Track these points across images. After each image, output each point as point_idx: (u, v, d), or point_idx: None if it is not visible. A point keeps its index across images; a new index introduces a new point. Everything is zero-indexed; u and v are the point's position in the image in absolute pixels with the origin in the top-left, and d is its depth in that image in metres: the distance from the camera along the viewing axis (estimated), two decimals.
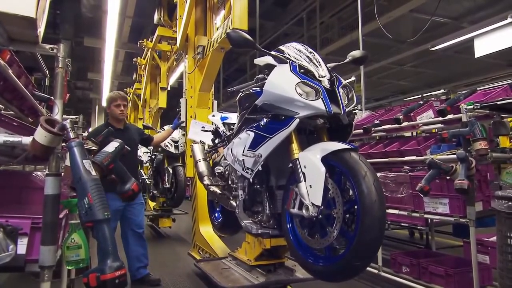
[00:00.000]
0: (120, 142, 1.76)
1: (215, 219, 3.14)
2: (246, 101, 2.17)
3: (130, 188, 1.78)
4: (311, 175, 1.60)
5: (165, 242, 5.54)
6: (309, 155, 1.64)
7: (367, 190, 1.44)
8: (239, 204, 2.26)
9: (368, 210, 1.42)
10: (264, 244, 2.30)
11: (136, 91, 9.65)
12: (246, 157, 1.92)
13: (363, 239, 1.43)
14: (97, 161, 1.64)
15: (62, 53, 1.62)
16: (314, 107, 1.66)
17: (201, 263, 2.90)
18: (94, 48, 10.51)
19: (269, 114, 1.85)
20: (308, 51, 1.92)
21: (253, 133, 1.91)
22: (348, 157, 1.55)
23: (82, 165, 1.41)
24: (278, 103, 1.76)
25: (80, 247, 1.59)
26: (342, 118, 1.74)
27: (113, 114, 3.18)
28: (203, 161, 3.01)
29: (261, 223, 2.16)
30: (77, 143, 1.46)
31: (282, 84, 1.74)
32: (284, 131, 1.70)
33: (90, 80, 13.90)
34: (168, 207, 5.76)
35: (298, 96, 1.67)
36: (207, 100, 4.13)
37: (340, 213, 1.52)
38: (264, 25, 9.83)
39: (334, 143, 1.65)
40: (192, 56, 4.08)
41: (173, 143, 5.19)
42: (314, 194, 1.56)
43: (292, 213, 1.72)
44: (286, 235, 1.85)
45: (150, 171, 6.23)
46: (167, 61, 7.35)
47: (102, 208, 1.35)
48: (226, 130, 3.00)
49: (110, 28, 7.25)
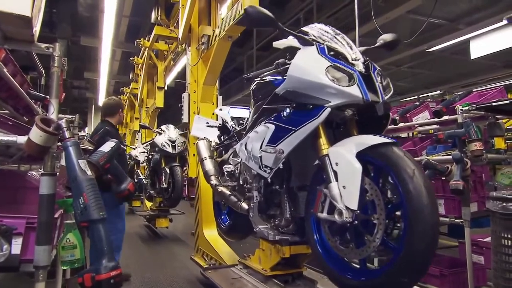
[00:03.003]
0: (116, 142, 1.76)
1: (222, 222, 2.88)
2: (262, 91, 1.96)
3: (126, 188, 1.78)
4: (344, 174, 1.38)
5: (162, 242, 5.53)
6: (342, 151, 1.42)
7: (416, 191, 1.22)
8: (253, 206, 2.03)
9: (418, 215, 1.20)
10: (283, 252, 2.01)
11: (133, 91, 9.64)
12: (265, 153, 1.70)
13: (412, 250, 1.20)
14: (93, 160, 1.63)
15: (57, 52, 1.62)
16: (349, 94, 1.44)
17: (209, 272, 2.63)
18: (90, 47, 10.45)
19: (293, 104, 1.62)
20: (335, 32, 1.71)
21: (273, 126, 1.69)
22: (390, 153, 1.32)
23: (78, 165, 1.41)
24: (304, 90, 1.54)
25: (75, 247, 1.59)
26: (377, 108, 1.49)
27: (119, 119, 3.29)
28: (209, 159, 2.74)
29: (278, 228, 1.95)
30: (72, 143, 1.45)
31: (309, 68, 1.52)
32: (312, 123, 1.48)
33: (87, 79, 13.83)
34: (165, 207, 5.77)
35: (330, 82, 1.45)
36: (212, 94, 3.85)
37: (382, 218, 1.31)
38: None
39: (370, 137, 1.42)
40: (195, 47, 3.84)
41: (170, 143, 5.17)
42: (349, 196, 1.35)
43: (320, 218, 1.51)
44: (311, 243, 1.62)
45: (147, 171, 6.23)
46: (164, 60, 7.36)
47: (98, 208, 1.35)
48: (235, 125, 2.72)
49: (107, 27, 7.23)
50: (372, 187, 1.35)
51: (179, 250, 4.89)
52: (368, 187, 1.36)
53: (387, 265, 1.30)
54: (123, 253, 3.35)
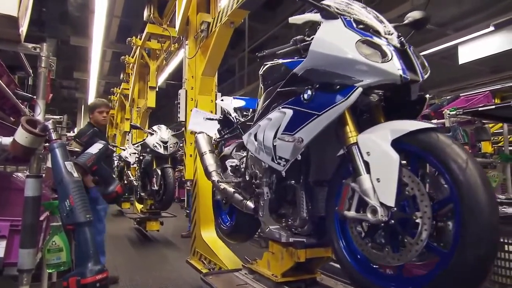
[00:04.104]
0: (104, 144, 1.74)
1: (222, 222, 2.62)
2: (274, 75, 1.76)
3: (114, 190, 1.76)
4: (378, 165, 1.19)
5: (152, 246, 5.47)
6: (374, 138, 1.23)
7: (470, 184, 1.02)
8: (264, 204, 1.81)
9: (474, 213, 1.01)
10: (298, 255, 1.77)
11: (123, 91, 9.56)
12: (283, 141, 1.49)
13: (465, 255, 1.00)
14: (80, 162, 1.61)
15: (45, 53, 1.60)
16: (385, 71, 1.24)
17: (210, 277, 2.36)
18: (80, 47, 10.36)
19: (315, 85, 1.42)
20: (361, 5, 1.52)
21: (291, 111, 1.48)
22: (434, 140, 1.13)
23: (64, 167, 1.39)
24: (330, 67, 1.35)
25: (62, 250, 1.57)
26: (412, 90, 1.31)
27: (96, 119, 3.26)
28: (210, 153, 2.50)
29: (291, 229, 1.74)
30: (59, 144, 1.43)
31: (336, 42, 1.33)
32: (339, 106, 1.28)
33: (76, 79, 13.69)
34: (156, 209, 5.66)
35: (362, 57, 1.26)
36: (211, 86, 3.56)
37: (427, 217, 1.10)
38: (254, 27, 9.86)
39: (407, 121, 1.23)
40: (193, 36, 3.58)
41: (162, 143, 5.07)
42: (384, 191, 1.16)
43: (346, 217, 1.31)
44: (335, 246, 1.41)
45: (138, 172, 6.14)
46: (157, 59, 7.25)
47: (84, 210, 1.33)
48: (239, 116, 2.46)
49: (97, 27, 7.17)
50: (413, 180, 1.15)
51: (170, 253, 4.85)
52: (407, 180, 1.16)
53: (432, 273, 1.10)
54: (112, 256, 3.31)
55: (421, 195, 1.12)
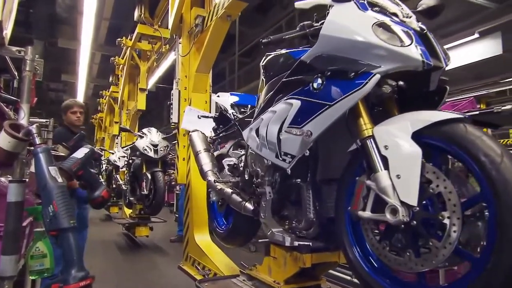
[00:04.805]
0: (90, 148, 1.73)
1: (218, 225, 2.47)
2: (278, 65, 1.64)
3: (100, 195, 1.74)
4: (398, 160, 1.08)
5: (140, 251, 5.39)
6: (392, 130, 1.12)
7: (507, 181, 0.91)
8: (265, 205, 1.68)
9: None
10: (303, 261, 1.62)
11: (113, 94, 9.46)
12: (288, 135, 1.37)
13: (502, 262, 0.90)
14: (65, 167, 1.60)
15: (30, 56, 1.58)
16: (406, 56, 1.13)
17: (205, 284, 2.23)
18: (69, 50, 10.24)
19: (326, 72, 1.30)
20: None
21: (298, 102, 1.36)
22: (462, 132, 1.01)
23: (48, 172, 1.37)
24: (343, 53, 1.24)
25: (45, 256, 1.54)
26: (432, 79, 1.20)
27: (70, 121, 3.18)
28: (205, 152, 2.35)
29: (295, 232, 1.61)
30: (43, 149, 1.42)
31: (351, 25, 1.22)
32: (354, 95, 1.17)
33: (64, 81, 13.51)
34: (145, 214, 5.55)
35: (380, 41, 1.15)
36: (205, 83, 3.41)
37: (456, 217, 0.98)
38: (244, 31, 9.91)
39: (429, 112, 1.13)
40: (187, 31, 3.45)
41: (152, 147, 4.96)
42: (406, 188, 1.05)
43: (361, 218, 1.20)
44: (347, 249, 1.29)
45: (127, 176, 6.05)
46: (147, 61, 7.14)
47: (68, 216, 1.31)
48: (237, 112, 2.33)
49: (86, 29, 7.10)
50: (438, 176, 1.04)
51: (159, 258, 4.80)
52: (431, 176, 1.04)
53: (462, 280, 1.00)
54: (99, 262, 3.26)
55: (449, 193, 1.00)
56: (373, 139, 1.16)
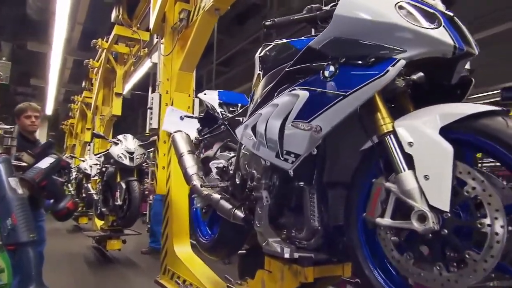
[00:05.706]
0: (56, 158, 1.62)
1: (202, 235, 2.25)
2: (278, 56, 1.50)
3: (65, 207, 1.63)
4: (426, 159, 0.95)
5: (111, 265, 5.08)
6: (417, 125, 0.98)
7: None
8: (262, 212, 1.49)
9: None
10: (305, 275, 1.43)
11: (85, 100, 9.14)
12: (295, 130, 1.21)
13: None
14: (28, 177, 1.48)
15: None
16: (435, 40, 0.99)
17: None
18: (39, 53, 9.86)
19: (340, 59, 1.13)
20: None
21: (306, 93, 1.20)
22: (501, 126, 0.89)
23: (8, 183, 1.26)
24: (362, 36, 1.08)
25: (3, 271, 1.42)
26: (457, 70, 1.06)
27: (23, 125, 2.96)
28: (189, 154, 2.15)
29: (295, 242, 1.42)
30: (3, 160, 1.31)
31: (371, 4, 1.07)
32: (375, 83, 1.02)
33: (34, 86, 12.98)
34: (118, 226, 5.19)
35: (405, 21, 1.01)
36: (189, 83, 3.17)
37: (499, 225, 0.85)
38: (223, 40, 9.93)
39: (461, 104, 1.02)
40: (171, 28, 3.21)
41: (128, 154, 4.68)
42: (436, 191, 0.92)
43: (380, 226, 1.04)
44: (360, 262, 1.14)
45: (99, 185, 5.74)
46: (124, 64, 6.82)
47: (27, 230, 1.21)
48: (226, 111, 2.14)
49: (58, 33, 6.85)
50: (474, 177, 0.90)
51: (130, 272, 4.57)
52: (465, 177, 0.91)
53: None
54: (63, 277, 3.05)
55: (489, 196, 0.87)
56: (394, 135, 1.01)
